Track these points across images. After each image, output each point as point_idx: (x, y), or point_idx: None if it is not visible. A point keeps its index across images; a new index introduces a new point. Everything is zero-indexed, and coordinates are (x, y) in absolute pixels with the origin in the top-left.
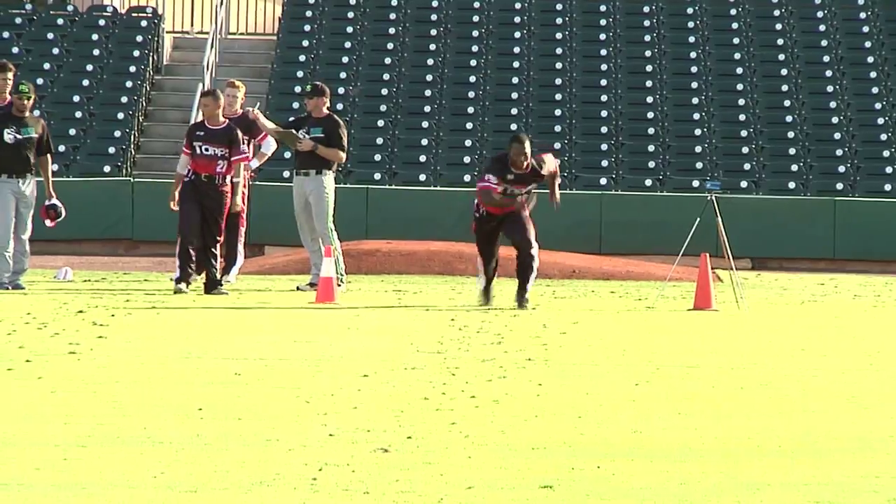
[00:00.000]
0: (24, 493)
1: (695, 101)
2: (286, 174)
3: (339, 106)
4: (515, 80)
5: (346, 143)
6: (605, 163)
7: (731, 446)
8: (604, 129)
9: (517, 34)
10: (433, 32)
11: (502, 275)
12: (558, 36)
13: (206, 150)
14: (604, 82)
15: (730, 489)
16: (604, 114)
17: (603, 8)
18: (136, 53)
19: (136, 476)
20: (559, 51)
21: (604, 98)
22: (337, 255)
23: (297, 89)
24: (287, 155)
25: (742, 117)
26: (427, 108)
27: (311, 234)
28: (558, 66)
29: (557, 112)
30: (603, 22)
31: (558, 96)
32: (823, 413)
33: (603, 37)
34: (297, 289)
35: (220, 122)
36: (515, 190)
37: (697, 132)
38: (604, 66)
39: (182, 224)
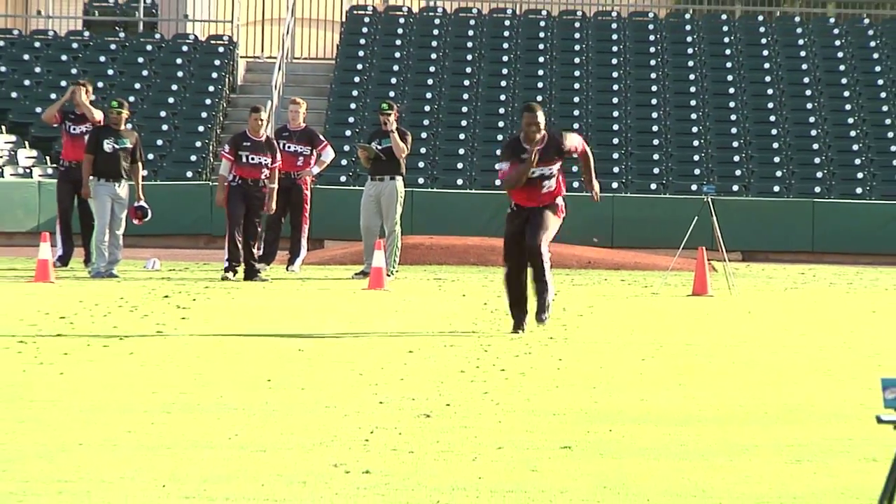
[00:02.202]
0: (117, 452)
1: (693, 116)
2: (343, 178)
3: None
4: (539, 98)
5: (408, 146)
6: (616, 169)
7: (724, 413)
8: (615, 141)
9: (541, 59)
10: (469, 58)
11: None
12: (576, 61)
13: (252, 159)
14: (615, 100)
15: (722, 449)
16: (615, 127)
17: (615, 37)
18: (214, 75)
19: (213, 438)
20: (577, 73)
21: (615, 114)
22: (395, 249)
23: (353, 106)
24: (343, 162)
25: (734, 130)
26: (464, 122)
27: (371, 231)
28: (576, 86)
29: (576, 125)
30: (615, 48)
31: (576, 112)
32: (803, 384)
33: (615, 61)
34: (353, 277)
35: (261, 134)
36: (535, 170)
37: (695, 143)
38: (615, 87)
39: (232, 222)
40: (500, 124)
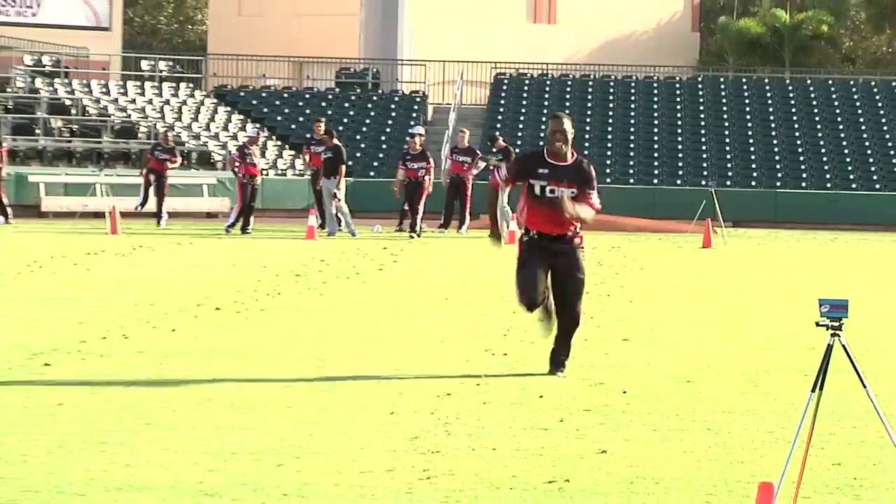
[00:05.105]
0: (324, 364)
1: (703, 139)
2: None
3: (520, 143)
4: (609, 129)
5: (511, 161)
6: (655, 171)
7: (720, 318)
8: (655, 154)
9: (610, 104)
10: (567, 105)
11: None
12: (631, 106)
13: (413, 164)
14: (655, 129)
15: (718, 341)
16: (655, 146)
17: (655, 91)
18: (414, 115)
19: (378, 364)
20: (632, 114)
21: (655, 138)
22: (508, 219)
23: (497, 134)
24: (491, 167)
25: (727, 147)
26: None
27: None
28: (631, 122)
29: (631, 146)
30: (655, 99)
31: (631, 138)
32: (769, 300)
33: (655, 105)
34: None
35: (418, 149)
36: (556, 189)
37: (704, 155)
38: (655, 122)
39: (404, 202)
40: (584, 150)
